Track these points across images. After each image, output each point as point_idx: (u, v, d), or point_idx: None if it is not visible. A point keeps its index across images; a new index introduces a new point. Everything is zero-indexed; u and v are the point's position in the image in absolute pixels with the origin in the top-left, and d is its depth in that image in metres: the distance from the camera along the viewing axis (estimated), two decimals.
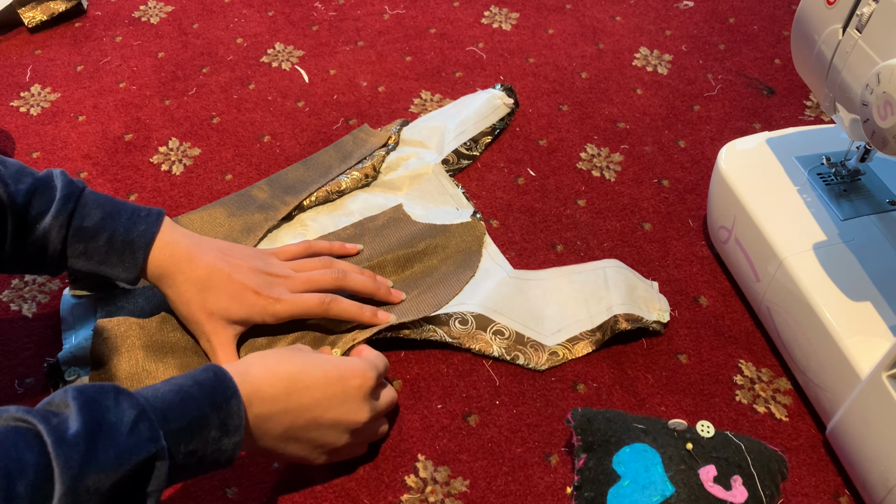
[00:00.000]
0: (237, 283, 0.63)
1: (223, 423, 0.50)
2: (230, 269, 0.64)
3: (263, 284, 0.65)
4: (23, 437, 0.42)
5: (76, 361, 0.66)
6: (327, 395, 0.56)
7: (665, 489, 0.55)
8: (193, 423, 0.48)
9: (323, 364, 0.57)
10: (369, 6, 1.05)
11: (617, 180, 0.84)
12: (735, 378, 0.68)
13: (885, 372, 0.55)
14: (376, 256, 0.74)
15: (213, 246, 0.65)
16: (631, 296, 0.71)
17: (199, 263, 0.63)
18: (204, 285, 0.63)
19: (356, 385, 0.57)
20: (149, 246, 0.62)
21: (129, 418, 0.45)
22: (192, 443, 0.48)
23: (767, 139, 0.76)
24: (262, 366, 0.55)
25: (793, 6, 1.07)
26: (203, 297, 0.63)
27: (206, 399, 0.50)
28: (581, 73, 0.97)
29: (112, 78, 0.94)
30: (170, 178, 0.83)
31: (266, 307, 0.64)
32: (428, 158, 0.84)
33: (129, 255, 0.61)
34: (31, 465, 0.41)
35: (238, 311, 0.64)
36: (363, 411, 0.58)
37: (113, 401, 0.45)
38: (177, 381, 0.50)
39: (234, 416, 0.50)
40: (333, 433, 0.57)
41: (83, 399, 0.45)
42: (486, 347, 0.68)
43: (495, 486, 0.61)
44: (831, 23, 0.62)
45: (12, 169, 0.59)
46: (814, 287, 0.63)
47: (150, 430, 0.45)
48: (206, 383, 0.50)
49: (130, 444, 0.44)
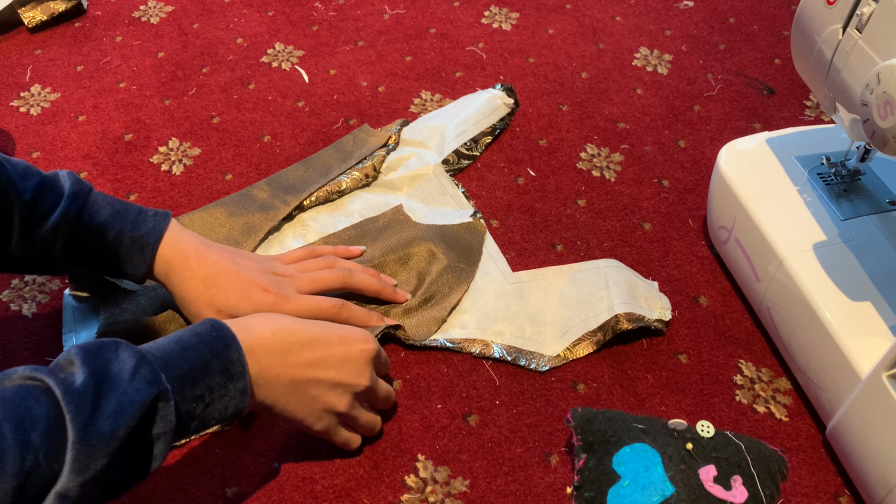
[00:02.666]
0: (245, 279, 0.64)
1: (225, 369, 0.51)
2: (238, 268, 0.64)
3: (272, 282, 0.65)
4: (32, 392, 0.44)
5: None
6: (328, 353, 0.57)
7: (665, 489, 0.55)
8: (196, 368, 0.50)
9: (326, 324, 0.59)
10: (369, 6, 1.05)
11: (617, 180, 0.84)
12: (735, 378, 0.68)
13: (885, 372, 0.55)
14: (377, 258, 0.74)
15: (219, 247, 0.66)
16: (632, 295, 0.71)
17: (207, 260, 0.63)
18: (212, 282, 0.63)
19: (358, 349, 0.58)
20: (157, 242, 0.62)
21: (129, 365, 0.47)
22: (198, 387, 0.50)
23: (767, 139, 0.76)
24: (263, 318, 0.57)
25: (793, 6, 1.07)
26: (211, 294, 0.63)
27: (205, 346, 0.51)
28: (581, 73, 0.97)
29: (112, 78, 0.94)
30: (170, 178, 0.83)
31: (275, 305, 0.64)
32: (428, 158, 0.84)
33: (138, 252, 0.62)
34: (42, 416, 0.43)
35: (246, 308, 0.64)
36: (364, 376, 0.58)
37: (113, 352, 0.47)
38: (176, 334, 0.52)
39: (236, 362, 0.52)
40: (334, 394, 0.57)
41: (85, 353, 0.46)
42: (486, 350, 0.68)
43: (495, 486, 0.61)
44: (831, 23, 0.62)
45: (19, 167, 0.59)
46: (814, 287, 0.63)
47: (150, 373, 0.47)
48: (204, 333, 0.52)
49: (133, 388, 0.46)
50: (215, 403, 0.51)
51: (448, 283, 0.72)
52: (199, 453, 0.62)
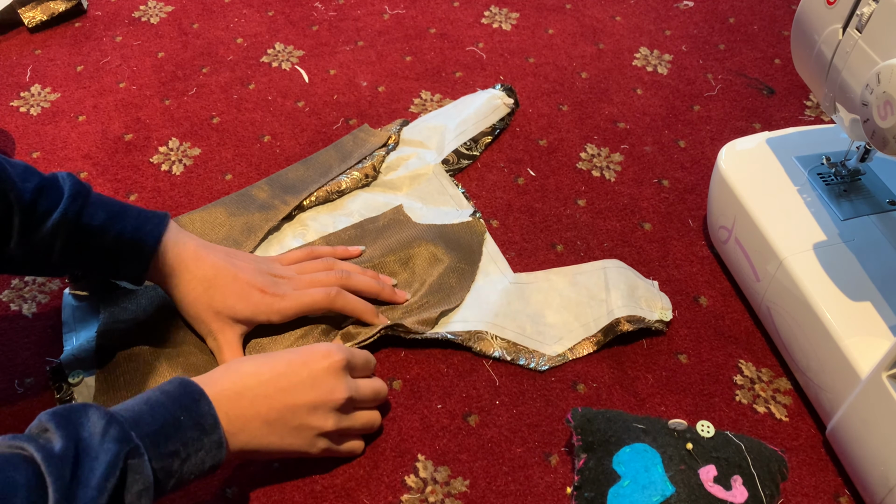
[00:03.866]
0: (243, 281, 0.64)
1: (197, 423, 0.51)
2: (236, 269, 0.65)
3: (269, 283, 0.66)
4: (12, 461, 0.44)
5: (79, 363, 0.66)
6: (294, 381, 0.57)
7: (665, 489, 0.55)
8: (167, 425, 0.50)
9: (284, 354, 0.59)
10: (369, 6, 1.05)
11: (617, 180, 0.84)
12: (735, 378, 0.68)
13: (885, 372, 0.55)
14: (377, 258, 0.74)
15: (218, 249, 0.66)
16: (632, 296, 0.71)
17: (205, 262, 0.64)
18: (210, 284, 0.64)
19: (323, 366, 0.58)
20: (156, 244, 0.62)
21: (99, 427, 0.47)
22: (171, 443, 0.49)
23: (767, 139, 0.76)
24: (224, 370, 0.57)
25: (793, 6, 1.07)
26: (209, 296, 0.64)
27: (173, 403, 0.51)
28: (581, 73, 0.97)
29: (112, 78, 0.94)
30: (170, 178, 0.83)
31: (272, 305, 0.65)
32: (428, 158, 0.84)
33: (136, 254, 0.62)
34: (23, 485, 0.43)
35: (244, 309, 0.64)
36: (338, 389, 0.58)
37: (84, 416, 0.47)
38: (144, 395, 0.52)
39: (207, 416, 0.52)
40: (317, 416, 0.57)
41: (58, 419, 0.47)
42: (487, 348, 0.68)
43: (495, 486, 0.61)
44: (831, 23, 0.62)
45: (19, 168, 0.59)
46: (814, 287, 0.63)
47: (119, 432, 0.47)
48: (171, 391, 0.52)
49: (103, 449, 0.46)
50: (191, 458, 0.50)
51: (449, 284, 0.72)
52: None
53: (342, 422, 0.59)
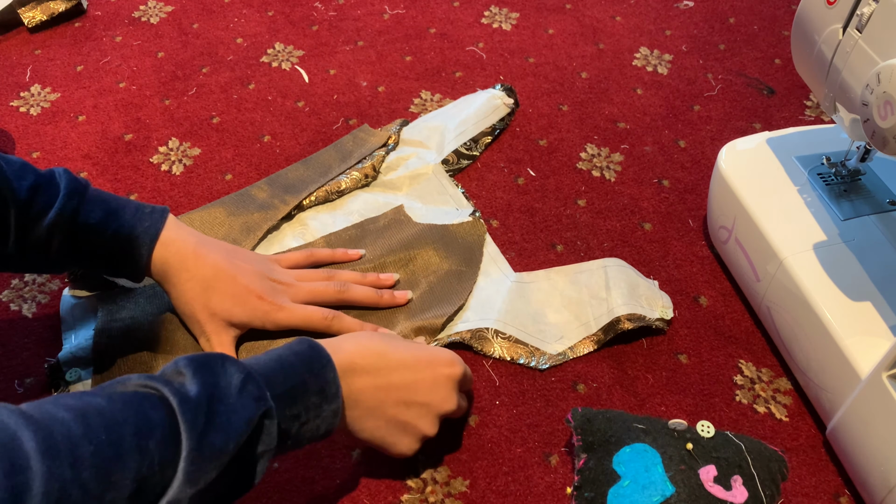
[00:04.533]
0: (241, 285, 0.64)
1: (321, 390, 0.51)
2: (235, 271, 0.64)
3: (267, 290, 0.65)
4: (148, 399, 0.44)
5: (77, 362, 0.66)
6: (417, 378, 0.57)
7: (665, 489, 0.55)
8: (295, 388, 0.50)
9: (412, 346, 0.59)
10: (369, 6, 1.05)
11: (617, 180, 0.84)
12: (735, 378, 0.68)
13: (885, 372, 0.55)
14: (378, 258, 0.74)
15: (218, 246, 0.65)
16: (633, 294, 0.71)
17: (204, 262, 0.63)
18: (208, 284, 0.63)
19: (445, 373, 0.58)
20: (153, 241, 0.62)
21: (237, 381, 0.47)
22: (295, 406, 0.50)
23: (767, 139, 0.76)
24: (353, 341, 0.57)
25: (793, 6, 1.07)
26: (207, 297, 0.63)
27: (303, 366, 0.51)
28: (581, 73, 0.97)
29: (112, 78, 0.94)
30: (170, 178, 0.83)
31: (268, 313, 0.64)
32: (428, 158, 0.84)
33: (135, 251, 0.61)
34: (158, 425, 0.43)
35: (240, 314, 0.64)
36: (451, 400, 0.58)
37: (221, 366, 0.48)
38: (275, 352, 0.52)
39: (331, 384, 0.52)
40: (424, 418, 0.57)
41: (195, 365, 0.47)
42: (488, 348, 0.68)
43: (495, 486, 0.61)
44: (831, 23, 0.62)
45: (15, 165, 0.59)
46: (814, 287, 0.63)
47: (257, 389, 0.48)
48: (302, 353, 0.52)
49: (241, 404, 0.46)
50: (310, 423, 0.51)
51: (451, 287, 0.72)
52: None
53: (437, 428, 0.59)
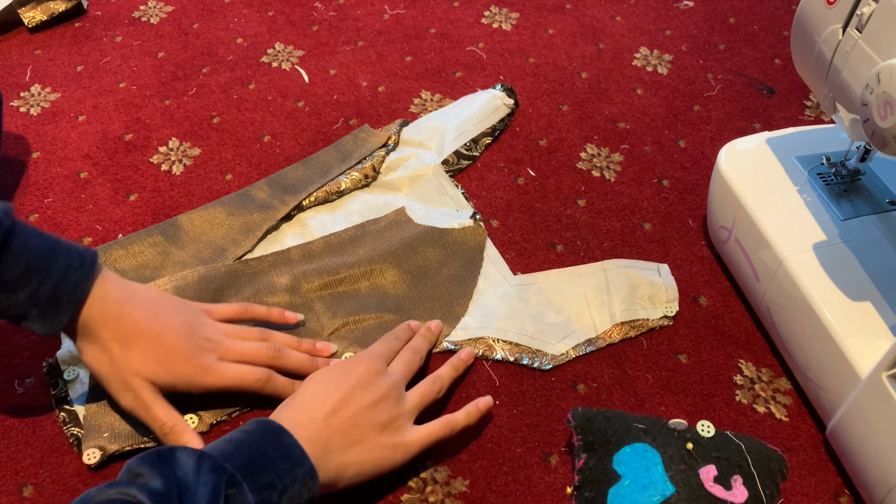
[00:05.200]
0: (165, 347, 0.60)
1: (286, 455, 0.52)
2: (159, 329, 0.60)
3: (193, 351, 0.60)
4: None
5: (75, 360, 0.66)
6: (348, 390, 0.58)
7: (665, 489, 0.55)
8: (256, 458, 0.51)
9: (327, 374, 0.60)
10: (369, 6, 1.05)
11: (617, 180, 0.84)
12: (735, 378, 0.68)
13: (885, 372, 0.55)
14: (377, 259, 0.74)
15: (142, 300, 0.61)
16: (633, 296, 0.71)
17: (126, 321, 0.59)
18: (129, 344, 0.59)
19: (362, 370, 0.59)
20: (79, 304, 0.57)
21: (191, 464, 0.48)
22: (265, 475, 0.50)
23: (767, 139, 0.76)
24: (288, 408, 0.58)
25: (793, 6, 1.07)
26: (127, 357, 0.59)
27: (256, 439, 0.52)
28: (581, 73, 0.97)
29: (112, 78, 0.94)
30: (170, 178, 0.83)
31: (193, 377, 0.60)
32: (428, 159, 0.84)
33: (53, 313, 0.56)
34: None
35: (164, 376, 0.60)
36: (383, 383, 0.59)
37: (172, 456, 0.48)
38: (225, 437, 0.53)
39: (293, 447, 0.53)
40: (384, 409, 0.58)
41: (150, 462, 0.48)
42: (489, 351, 0.68)
43: (495, 486, 0.61)
44: (831, 23, 0.62)
45: None
46: (814, 287, 0.63)
47: (212, 463, 0.48)
48: (250, 430, 0.53)
49: (201, 482, 0.47)
50: (288, 491, 0.51)
51: (451, 291, 0.72)
52: None
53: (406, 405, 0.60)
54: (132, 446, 0.61)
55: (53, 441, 0.62)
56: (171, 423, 0.59)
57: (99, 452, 0.60)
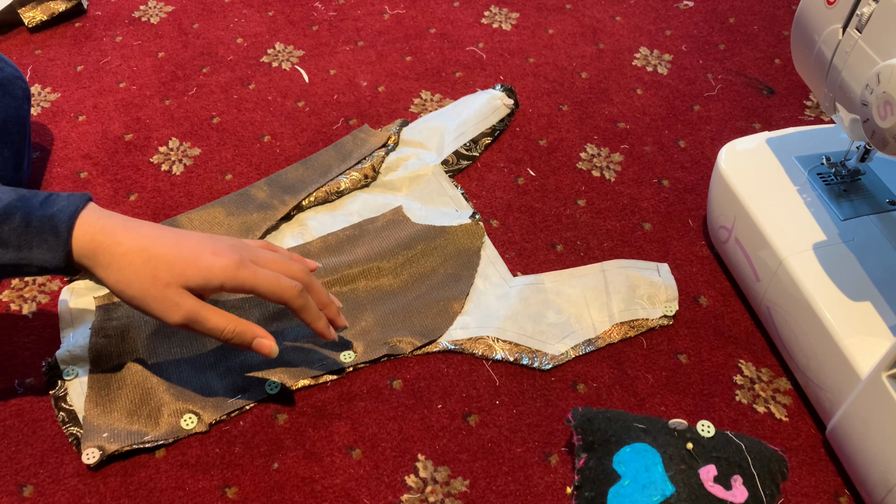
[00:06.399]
0: (190, 245, 0.55)
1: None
2: (177, 235, 0.56)
3: (220, 246, 0.57)
4: None
5: (74, 360, 0.66)
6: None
7: (665, 489, 0.55)
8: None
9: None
10: (369, 6, 1.05)
11: (617, 180, 0.84)
12: (735, 378, 0.68)
13: (885, 372, 0.55)
14: (375, 258, 0.74)
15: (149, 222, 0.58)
16: (633, 296, 0.71)
17: (138, 232, 0.55)
18: (150, 253, 0.54)
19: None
20: (73, 218, 0.53)
21: None
22: None
23: (767, 139, 0.76)
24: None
25: (793, 6, 1.07)
26: (152, 267, 0.54)
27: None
28: (581, 73, 0.97)
29: (112, 78, 0.94)
30: (170, 178, 0.83)
31: (226, 269, 0.55)
32: (427, 159, 0.84)
33: (51, 232, 0.53)
34: None
35: (195, 275, 0.55)
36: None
37: None
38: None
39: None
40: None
41: None
42: (488, 351, 0.68)
43: (495, 486, 0.61)
44: (831, 23, 0.62)
45: None
46: (814, 287, 0.63)
47: None
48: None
49: None
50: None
51: (448, 290, 0.72)
52: (199, 453, 0.62)
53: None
54: (131, 446, 0.61)
55: (53, 441, 0.62)
56: (230, 325, 0.56)
57: (98, 452, 0.60)
